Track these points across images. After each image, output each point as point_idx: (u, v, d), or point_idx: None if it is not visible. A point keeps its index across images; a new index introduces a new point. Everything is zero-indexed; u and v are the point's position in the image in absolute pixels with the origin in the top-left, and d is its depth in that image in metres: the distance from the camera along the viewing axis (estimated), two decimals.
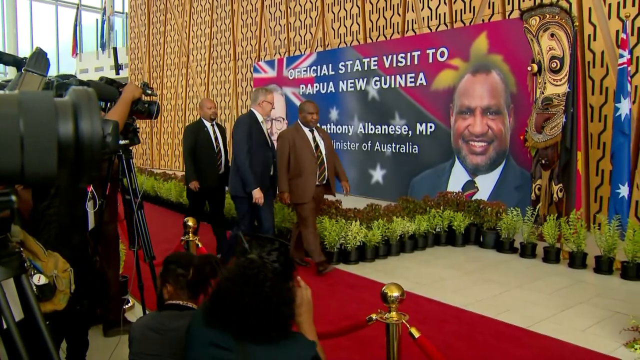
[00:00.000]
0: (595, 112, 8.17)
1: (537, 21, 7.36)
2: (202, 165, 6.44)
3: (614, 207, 6.31)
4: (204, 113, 6.65)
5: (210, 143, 6.52)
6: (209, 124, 6.59)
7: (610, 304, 4.96)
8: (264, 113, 5.68)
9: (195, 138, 6.47)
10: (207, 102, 6.80)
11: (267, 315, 1.62)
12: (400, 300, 2.49)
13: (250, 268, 1.67)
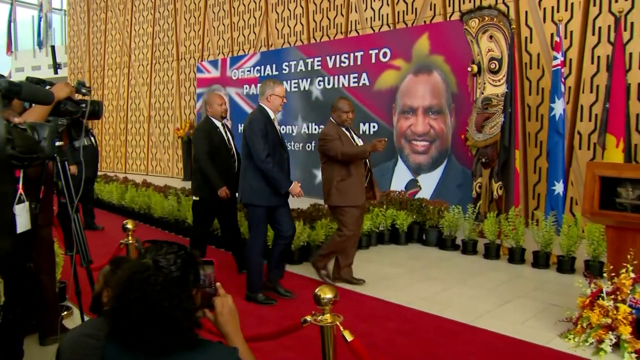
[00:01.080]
0: (532, 111, 8.38)
1: (476, 23, 7.48)
2: (219, 171, 5.63)
3: (550, 203, 6.47)
4: (213, 111, 5.78)
5: (225, 145, 5.75)
6: (220, 123, 5.80)
7: (547, 297, 5.08)
8: (274, 108, 4.94)
9: (209, 140, 5.67)
10: (216, 97, 5.89)
11: (160, 324, 1.47)
12: (334, 301, 2.43)
13: (139, 272, 1.52)
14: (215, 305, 1.77)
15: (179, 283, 1.55)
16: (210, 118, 5.79)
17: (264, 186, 4.80)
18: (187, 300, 1.54)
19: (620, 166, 4.57)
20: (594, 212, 4.24)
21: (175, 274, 1.54)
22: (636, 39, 7.28)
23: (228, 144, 5.79)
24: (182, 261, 1.59)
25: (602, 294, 4.07)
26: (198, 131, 5.85)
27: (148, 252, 1.61)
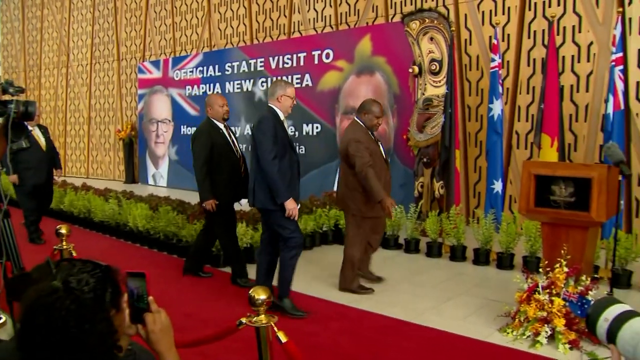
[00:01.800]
0: (472, 112, 8.56)
1: (417, 25, 7.60)
2: (224, 175, 5.37)
3: (490, 201, 6.62)
4: (214, 112, 5.49)
5: (230, 147, 5.47)
6: (222, 125, 5.54)
7: (487, 293, 5.21)
8: (284, 110, 4.69)
9: (212, 143, 5.40)
10: (218, 98, 5.61)
11: (70, 351, 1.34)
12: (268, 302, 2.43)
13: (45, 296, 1.38)
14: (146, 322, 1.62)
15: (92, 305, 1.40)
16: (212, 119, 5.52)
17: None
18: (101, 323, 1.41)
19: (554, 165, 4.72)
20: (529, 209, 4.37)
21: (87, 296, 1.40)
22: (568, 42, 7.52)
23: (233, 145, 5.53)
24: (96, 280, 1.44)
25: (538, 288, 4.21)
26: (198, 133, 5.49)
27: (59, 272, 1.46)
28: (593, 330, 1.28)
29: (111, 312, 1.46)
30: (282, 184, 4.50)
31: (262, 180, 4.57)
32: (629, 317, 1.20)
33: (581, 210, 4.11)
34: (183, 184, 13.10)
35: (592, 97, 7.34)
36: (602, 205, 4.05)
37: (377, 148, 5.19)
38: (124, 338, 1.59)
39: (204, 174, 5.34)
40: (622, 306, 1.24)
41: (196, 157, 5.42)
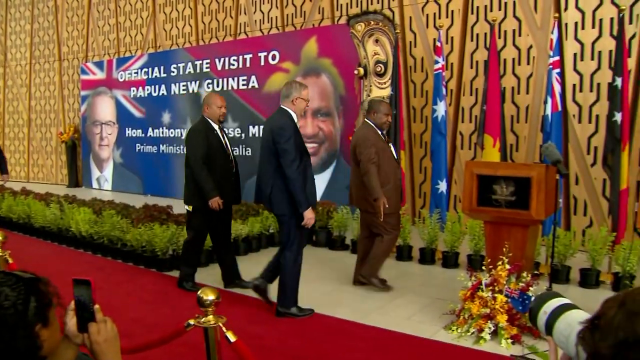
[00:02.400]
0: (417, 113, 8.68)
1: (362, 27, 7.66)
2: (216, 178, 5.19)
3: (435, 201, 6.71)
4: (211, 112, 5.33)
5: (223, 149, 5.34)
6: (217, 126, 5.38)
7: (433, 292, 5.28)
8: (298, 112, 4.65)
9: (208, 144, 5.24)
10: (217, 98, 5.42)
11: None
12: (216, 303, 2.40)
13: None
14: (90, 332, 1.53)
15: (13, 320, 1.32)
16: (207, 119, 5.35)
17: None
18: (22, 340, 1.32)
19: (495, 165, 4.82)
20: (472, 208, 4.45)
21: (7, 311, 1.31)
22: (509, 46, 7.72)
23: (226, 148, 5.37)
24: (17, 294, 1.35)
25: (482, 286, 4.29)
26: (194, 132, 5.31)
27: None
28: (534, 323, 1.31)
29: (37, 327, 1.37)
30: (304, 194, 4.46)
31: (282, 186, 4.50)
32: (565, 309, 1.23)
33: (521, 208, 4.21)
34: (128, 187, 12.87)
35: (532, 98, 7.55)
36: (541, 203, 4.16)
37: (386, 147, 5.27)
38: (67, 349, 1.52)
39: (205, 172, 5.13)
40: (561, 300, 1.27)
41: (192, 156, 5.22)
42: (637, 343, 0.82)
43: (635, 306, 0.86)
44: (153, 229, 6.13)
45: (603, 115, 6.66)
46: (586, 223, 7.16)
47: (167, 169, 12.02)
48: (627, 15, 6.66)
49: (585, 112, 7.14)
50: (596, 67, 7.06)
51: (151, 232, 6.13)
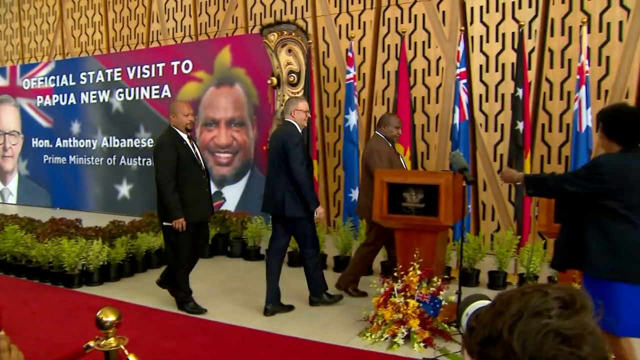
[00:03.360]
0: (330, 123, 8.76)
1: (275, 37, 7.67)
2: (190, 192, 4.91)
3: (348, 210, 6.78)
4: (177, 121, 5.00)
5: (194, 159, 5.02)
6: (185, 135, 5.05)
7: (347, 299, 5.33)
8: (299, 123, 4.99)
9: (177, 156, 4.91)
10: (183, 106, 5.09)
11: None
12: (117, 324, 2.28)
13: None
14: None
15: None
16: (174, 129, 5.04)
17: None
18: None
19: (405, 173, 4.90)
20: (383, 216, 4.53)
21: None
22: (419, 57, 7.93)
23: (197, 158, 5.09)
24: None
25: (394, 292, 4.36)
26: (162, 145, 4.96)
27: None
28: (459, 325, 1.34)
29: None
30: (313, 192, 4.97)
31: (294, 190, 4.86)
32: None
33: (430, 215, 4.32)
34: (35, 200, 12.27)
35: (442, 108, 7.78)
36: (449, 209, 4.28)
37: (397, 159, 5.33)
38: None
39: (171, 189, 4.82)
40: (484, 302, 1.30)
41: (161, 171, 4.88)
42: (498, 340, 0.85)
43: (501, 306, 0.89)
44: (60, 243, 5.87)
45: (507, 124, 6.95)
46: (494, 227, 7.43)
47: (77, 181, 11.55)
48: (527, 30, 7.00)
49: (491, 121, 7.43)
50: (500, 79, 7.37)
51: (58, 247, 5.87)
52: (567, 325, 0.84)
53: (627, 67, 6.61)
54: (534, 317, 0.85)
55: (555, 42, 7.04)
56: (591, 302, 0.90)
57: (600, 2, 6.74)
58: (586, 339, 0.84)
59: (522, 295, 0.90)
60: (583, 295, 0.90)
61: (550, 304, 0.86)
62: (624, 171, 2.96)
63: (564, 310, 0.86)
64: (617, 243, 2.96)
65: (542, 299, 0.87)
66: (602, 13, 6.72)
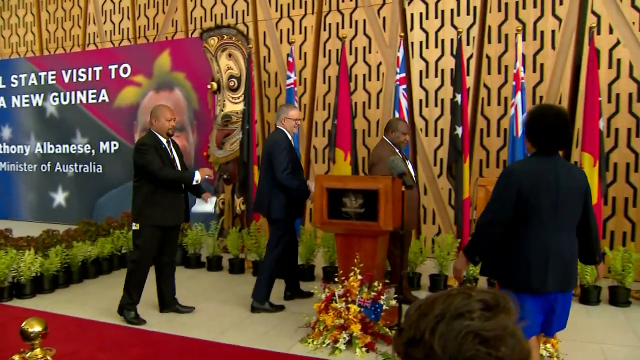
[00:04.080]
0: (271, 128, 8.70)
1: (215, 41, 7.63)
2: (165, 196, 4.87)
3: None
4: (159, 125, 4.96)
5: (172, 165, 4.98)
6: (165, 140, 4.99)
7: (290, 305, 5.34)
8: (289, 130, 5.26)
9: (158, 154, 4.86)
10: (166, 111, 5.04)
11: None
12: (44, 334, 2.22)
13: None
14: None
15: None
16: (154, 133, 4.97)
17: (292, 201, 5.15)
18: None
19: (344, 178, 4.96)
20: (323, 221, 4.56)
21: None
22: (360, 62, 8.02)
23: (175, 163, 5.03)
24: None
25: (335, 297, 4.39)
26: (143, 146, 4.88)
27: None
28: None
29: None
30: (301, 184, 5.16)
31: (280, 194, 5.09)
32: None
33: (370, 220, 4.38)
34: None
35: (382, 113, 7.88)
36: (389, 214, 4.34)
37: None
38: None
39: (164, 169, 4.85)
40: None
41: (150, 162, 4.81)
42: (420, 341, 0.88)
43: (426, 308, 0.92)
44: None
45: (447, 129, 7.08)
46: (435, 231, 7.58)
47: (8, 188, 11.16)
48: (465, 37, 7.19)
49: (431, 126, 7.59)
50: (440, 84, 7.53)
51: None
52: (486, 326, 0.87)
53: (559, 74, 6.87)
54: (455, 319, 0.89)
55: (493, 49, 7.26)
56: (514, 305, 0.93)
57: (534, 12, 6.99)
58: (505, 340, 0.87)
59: (446, 297, 0.93)
60: (507, 298, 0.93)
61: (472, 305, 0.90)
62: (536, 179, 2.90)
63: (485, 312, 0.89)
64: (523, 251, 2.94)
65: (465, 301, 0.91)
66: (536, 22, 6.96)
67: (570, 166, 3.11)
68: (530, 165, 3.00)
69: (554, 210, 2.90)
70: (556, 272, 2.90)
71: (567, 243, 2.97)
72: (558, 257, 2.91)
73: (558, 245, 2.92)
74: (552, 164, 2.94)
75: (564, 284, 2.96)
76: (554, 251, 2.90)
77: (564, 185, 2.90)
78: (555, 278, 2.90)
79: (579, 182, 2.98)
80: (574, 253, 3.01)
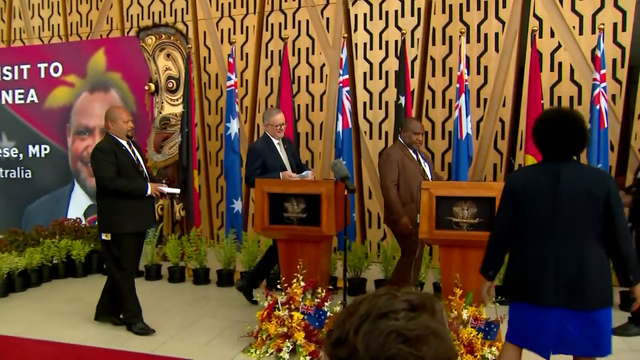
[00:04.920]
0: (212, 131, 8.73)
1: (153, 41, 7.56)
2: (132, 200, 4.78)
3: (231, 221, 6.79)
4: (117, 128, 4.89)
5: (135, 167, 4.89)
6: (125, 142, 4.93)
7: (232, 315, 5.34)
8: (272, 134, 5.44)
9: (117, 161, 4.77)
10: (122, 113, 5.01)
11: None
12: None
13: None
14: None
15: None
16: (113, 136, 4.89)
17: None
18: None
19: (285, 182, 4.98)
20: (265, 227, 4.60)
21: None
22: (303, 64, 8.08)
23: (139, 165, 4.95)
24: None
25: (278, 305, 4.42)
26: (98, 152, 4.79)
27: None
28: None
29: None
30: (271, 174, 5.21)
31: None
32: None
33: (313, 225, 4.45)
34: None
35: (326, 116, 7.97)
36: (332, 218, 4.42)
37: (413, 165, 5.17)
38: None
39: (116, 180, 4.74)
40: None
41: (101, 177, 4.74)
42: (345, 340, 0.94)
43: (353, 308, 0.98)
44: None
45: (391, 132, 7.22)
46: (380, 235, 7.71)
47: None
48: (409, 38, 7.34)
49: (376, 128, 7.71)
50: (384, 86, 7.66)
51: None
52: (409, 326, 0.93)
53: (503, 76, 7.10)
54: (379, 319, 0.94)
55: (437, 51, 7.44)
56: (440, 306, 1.00)
57: (478, 14, 7.20)
58: (427, 339, 0.93)
59: (372, 297, 0.99)
60: (432, 299, 1.00)
61: (396, 306, 0.95)
62: (529, 185, 2.90)
63: (409, 313, 0.95)
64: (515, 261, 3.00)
65: (390, 301, 0.96)
66: (479, 24, 7.18)
67: (583, 170, 2.92)
68: (527, 171, 3.05)
69: (552, 217, 2.84)
70: (557, 284, 2.80)
71: (575, 253, 2.82)
72: (558, 267, 2.81)
73: (558, 255, 2.82)
74: (555, 169, 2.87)
75: (572, 301, 2.80)
76: (552, 261, 2.82)
77: (566, 190, 2.81)
78: (556, 291, 2.79)
79: (589, 187, 2.81)
80: (591, 265, 2.80)
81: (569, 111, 2.98)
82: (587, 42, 6.71)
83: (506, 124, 7.11)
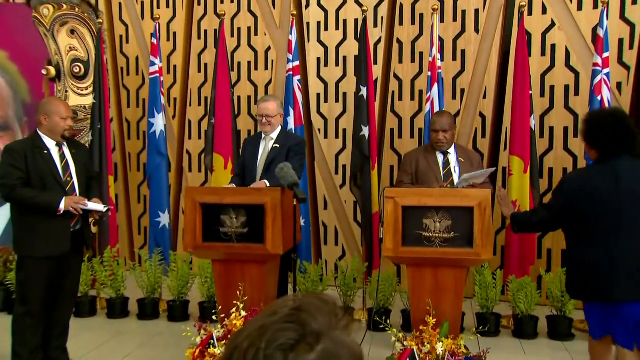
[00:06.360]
0: (132, 127, 8.56)
1: (50, 12, 7.34)
2: (44, 217, 4.50)
3: (155, 239, 6.68)
4: (51, 124, 4.65)
5: (55, 178, 4.58)
6: (54, 144, 4.66)
7: (156, 354, 5.34)
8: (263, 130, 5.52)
9: (27, 166, 4.49)
10: (60, 106, 4.78)
11: None
12: None
13: None
14: None
15: None
16: (39, 135, 4.67)
17: None
18: None
19: (222, 191, 4.94)
20: (197, 245, 4.57)
21: None
22: (244, 47, 8.03)
23: (64, 174, 4.67)
24: None
25: (213, 340, 4.39)
26: (5, 152, 4.60)
27: None
28: None
29: None
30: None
31: None
32: None
33: (256, 242, 4.44)
34: None
35: None
36: (278, 234, 4.42)
37: (427, 169, 5.31)
38: None
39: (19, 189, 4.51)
40: None
41: (4, 176, 4.52)
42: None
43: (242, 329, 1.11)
44: None
45: (351, 129, 7.17)
46: (338, 254, 7.70)
47: None
48: (372, 16, 7.37)
49: (332, 125, 7.74)
50: (342, 75, 7.69)
51: None
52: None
53: (484, 62, 7.14)
54: None
55: (405, 32, 7.46)
56: None
57: None
58: None
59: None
60: None
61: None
62: (589, 186, 3.53)
63: None
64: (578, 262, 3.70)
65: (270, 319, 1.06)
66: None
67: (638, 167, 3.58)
68: (583, 172, 3.75)
69: (614, 216, 3.48)
70: (627, 280, 3.46)
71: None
72: (627, 264, 3.46)
73: (625, 252, 3.47)
74: (612, 168, 3.51)
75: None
76: (620, 258, 3.46)
77: (628, 188, 3.47)
78: (627, 287, 3.46)
79: None
80: None
81: (615, 108, 4.08)
82: (587, 18, 6.69)
83: (487, 119, 7.17)
